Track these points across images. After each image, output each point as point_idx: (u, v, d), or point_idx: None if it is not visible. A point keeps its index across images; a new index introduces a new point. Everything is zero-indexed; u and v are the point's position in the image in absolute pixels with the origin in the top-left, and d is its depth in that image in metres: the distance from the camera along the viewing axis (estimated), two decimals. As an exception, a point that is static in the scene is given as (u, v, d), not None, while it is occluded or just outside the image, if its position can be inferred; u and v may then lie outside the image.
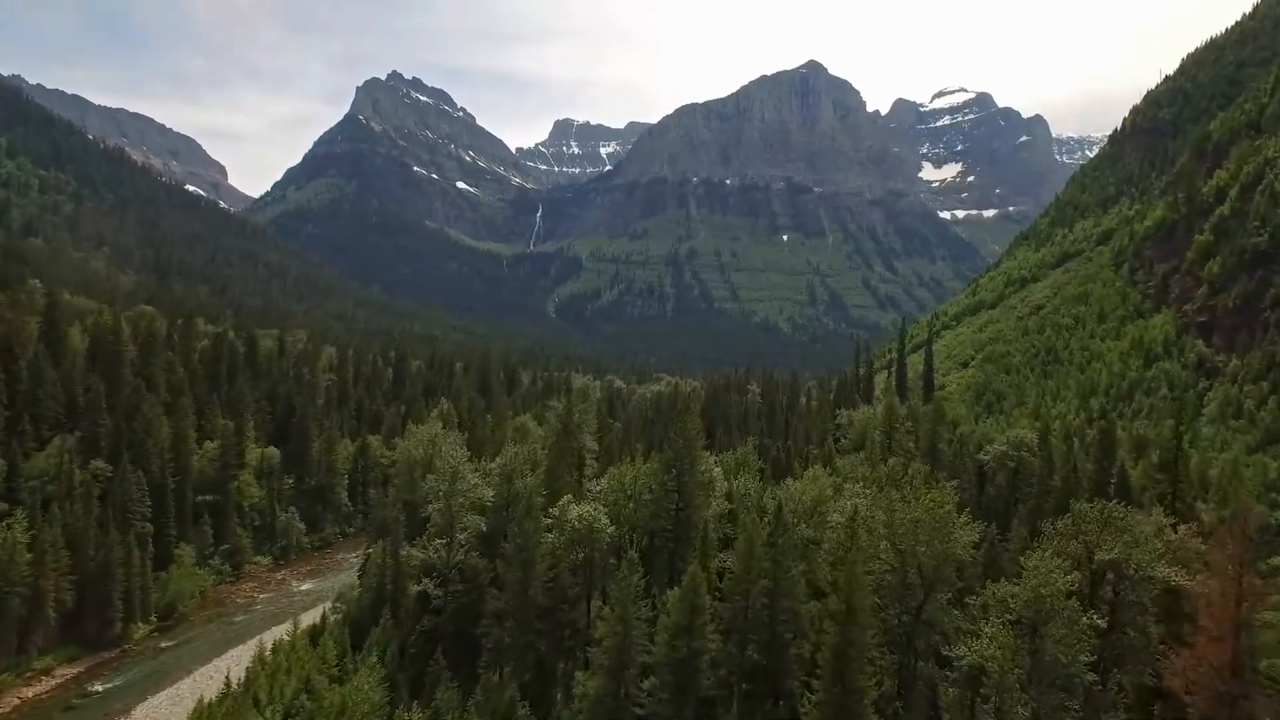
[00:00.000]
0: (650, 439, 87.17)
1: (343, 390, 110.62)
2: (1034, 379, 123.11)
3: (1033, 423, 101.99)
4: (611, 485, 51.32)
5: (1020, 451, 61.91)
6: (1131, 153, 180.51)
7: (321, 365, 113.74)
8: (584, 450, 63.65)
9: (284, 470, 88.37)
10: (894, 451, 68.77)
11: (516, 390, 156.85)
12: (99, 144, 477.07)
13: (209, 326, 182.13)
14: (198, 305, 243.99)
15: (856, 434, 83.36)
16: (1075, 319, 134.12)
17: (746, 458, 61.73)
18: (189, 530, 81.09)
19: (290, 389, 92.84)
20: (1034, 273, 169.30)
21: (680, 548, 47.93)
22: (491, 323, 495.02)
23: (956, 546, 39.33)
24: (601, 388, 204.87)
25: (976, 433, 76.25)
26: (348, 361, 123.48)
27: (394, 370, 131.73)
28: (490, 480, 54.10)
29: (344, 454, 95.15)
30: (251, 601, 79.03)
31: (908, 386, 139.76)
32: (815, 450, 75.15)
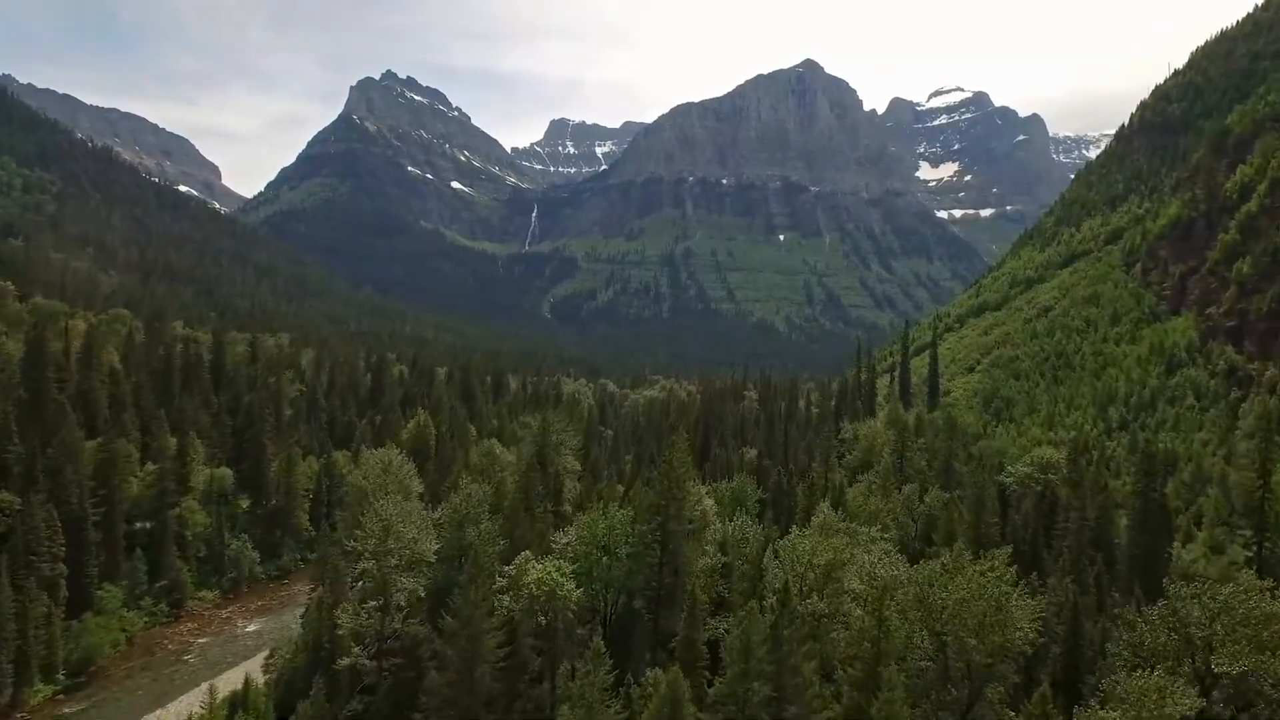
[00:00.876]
0: (640, 451, 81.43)
1: (313, 400, 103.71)
2: (1045, 385, 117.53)
3: (1046, 432, 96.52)
4: (581, 536, 43.62)
5: (1047, 474, 56.14)
6: (1140, 149, 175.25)
7: (291, 374, 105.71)
8: (563, 473, 57.76)
9: (239, 492, 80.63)
10: (906, 473, 62.99)
11: (503, 397, 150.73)
12: (86, 143, 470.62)
13: (187, 330, 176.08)
14: (180, 307, 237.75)
15: (863, 450, 77.60)
16: (1086, 321, 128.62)
17: (743, 488, 55.77)
18: (118, 568, 71.42)
19: (254, 400, 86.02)
20: (1040, 273, 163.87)
21: (664, 612, 40.97)
22: (486, 323, 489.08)
23: (1014, 633, 31.07)
24: (594, 392, 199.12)
25: (990, 447, 70.33)
26: (322, 368, 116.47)
27: (372, 377, 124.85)
28: (440, 526, 46.92)
29: (306, 472, 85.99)
30: (186, 647, 69.51)
31: (911, 392, 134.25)
32: (819, 471, 69.22)
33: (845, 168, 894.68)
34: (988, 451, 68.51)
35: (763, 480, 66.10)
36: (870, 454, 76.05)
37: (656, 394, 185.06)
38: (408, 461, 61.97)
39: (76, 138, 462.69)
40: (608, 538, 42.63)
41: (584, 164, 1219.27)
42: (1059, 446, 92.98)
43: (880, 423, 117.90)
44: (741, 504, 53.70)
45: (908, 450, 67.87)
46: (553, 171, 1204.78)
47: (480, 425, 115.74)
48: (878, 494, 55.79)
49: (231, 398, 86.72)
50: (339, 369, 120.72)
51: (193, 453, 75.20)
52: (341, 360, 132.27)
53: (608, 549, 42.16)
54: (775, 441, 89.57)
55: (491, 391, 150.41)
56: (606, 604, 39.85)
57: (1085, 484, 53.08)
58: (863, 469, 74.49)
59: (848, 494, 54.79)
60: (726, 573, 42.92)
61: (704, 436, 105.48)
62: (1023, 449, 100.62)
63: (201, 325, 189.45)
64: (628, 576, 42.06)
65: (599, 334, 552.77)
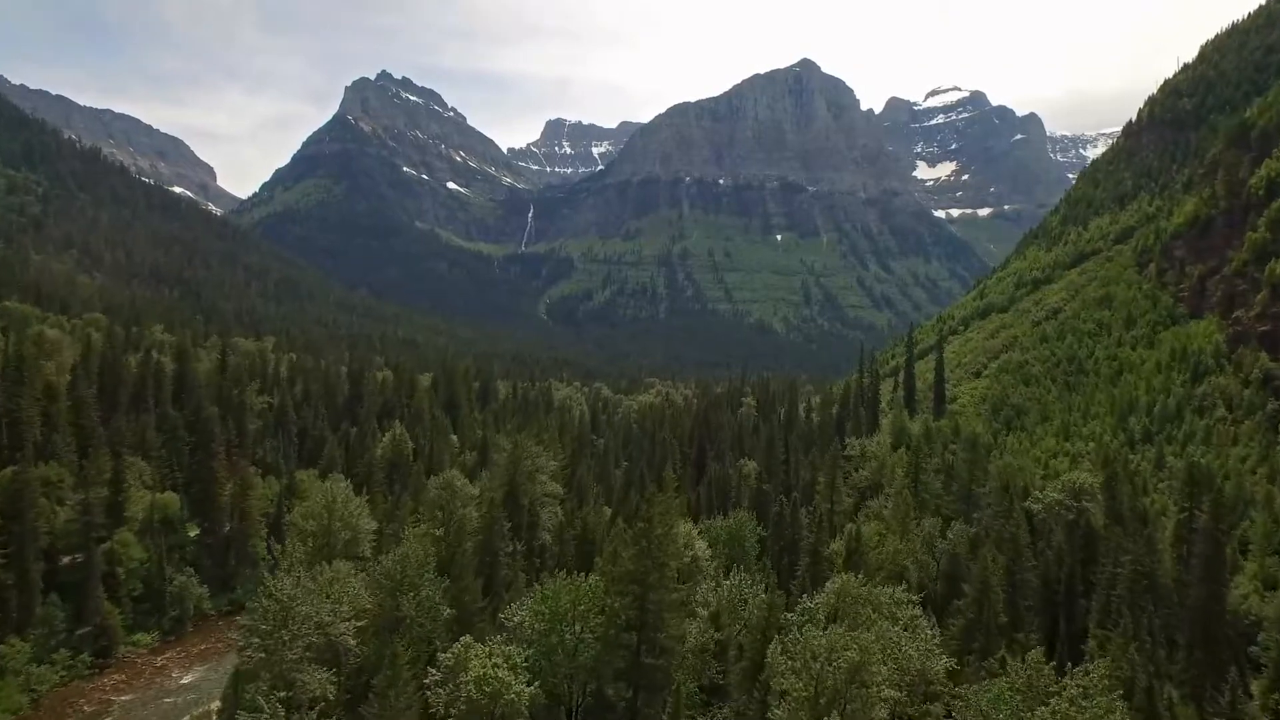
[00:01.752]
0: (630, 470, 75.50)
1: (282, 413, 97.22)
2: (1057, 391, 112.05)
3: (1061, 442, 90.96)
4: (539, 612, 35.65)
5: (1080, 501, 50.44)
6: (1149, 145, 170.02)
7: (258, 385, 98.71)
8: (539, 504, 51.96)
9: (191, 518, 72.68)
10: (921, 496, 57.33)
11: (491, 405, 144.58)
12: (74, 143, 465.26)
13: (165, 335, 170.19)
14: (162, 311, 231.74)
15: (872, 470, 71.72)
16: (1098, 324, 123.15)
17: (740, 528, 49.78)
18: (31, 614, 61.82)
19: (210, 415, 79.35)
20: (1047, 273, 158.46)
21: (644, 700, 33.50)
22: (481, 325, 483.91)
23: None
24: (587, 398, 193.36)
25: (1010, 466, 64.58)
26: (296, 376, 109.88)
27: (351, 385, 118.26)
28: (372, 590, 40.17)
29: (266, 494, 77.52)
30: (105, 708, 59.01)
31: (916, 398, 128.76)
32: (823, 492, 63.48)
33: (842, 167, 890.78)
34: (1007, 471, 62.75)
35: (763, 510, 60.43)
36: (880, 473, 70.35)
37: (652, 399, 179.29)
38: (355, 495, 55.11)
39: (64, 137, 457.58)
40: (572, 614, 35.16)
41: (580, 164, 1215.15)
42: (1078, 459, 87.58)
43: (884, 432, 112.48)
44: (739, 544, 47.93)
45: (923, 474, 62.03)
46: (549, 172, 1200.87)
47: (465, 436, 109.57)
48: (894, 530, 49.90)
49: (193, 411, 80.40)
50: (313, 377, 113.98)
51: (130, 476, 68.02)
52: (316, 367, 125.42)
53: (574, 623, 34.55)
54: (775, 458, 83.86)
55: (479, 399, 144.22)
56: (572, 694, 33.16)
57: (1125, 514, 47.56)
58: (872, 490, 68.81)
59: (861, 532, 48.56)
60: (720, 651, 36.33)
61: (699, 449, 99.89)
62: (1037, 460, 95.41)
63: (182, 330, 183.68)
64: (598, 661, 34.50)
65: (595, 335, 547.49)
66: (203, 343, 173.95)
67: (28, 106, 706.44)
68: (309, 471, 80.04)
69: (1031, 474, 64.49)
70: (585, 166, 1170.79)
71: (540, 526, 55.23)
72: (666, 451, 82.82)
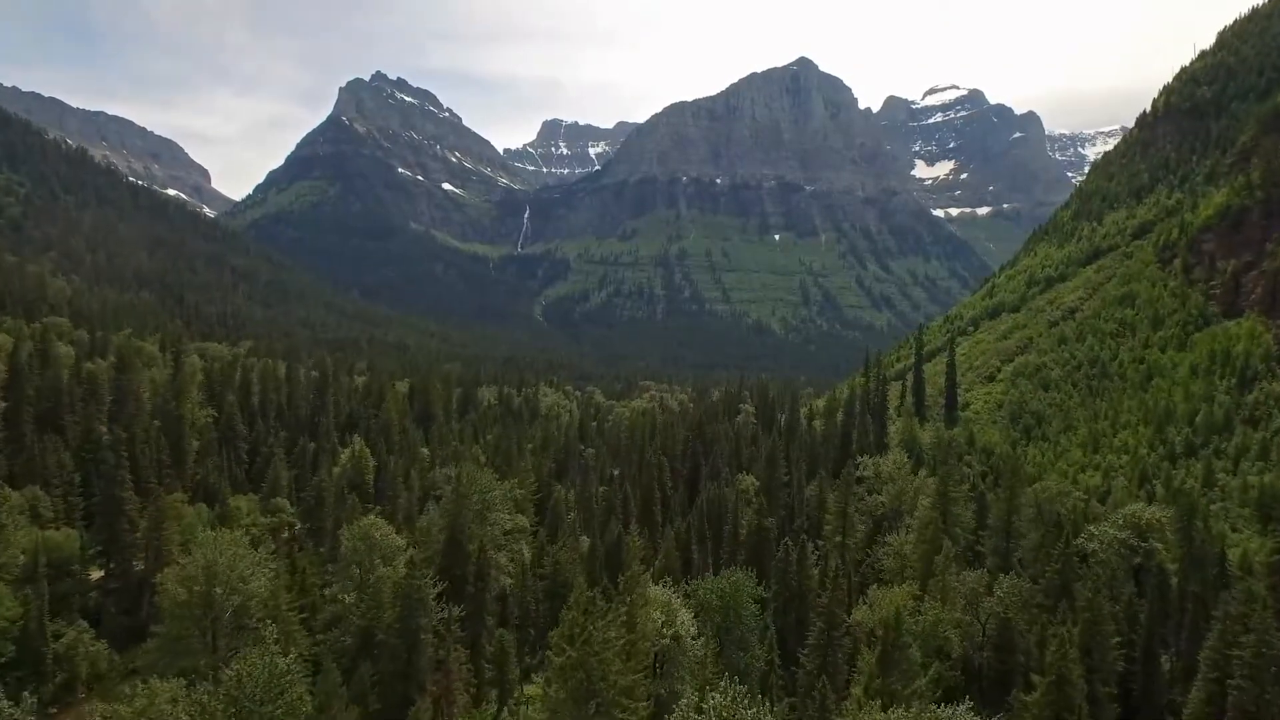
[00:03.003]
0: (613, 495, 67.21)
1: (230, 427, 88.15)
2: (1079, 397, 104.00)
3: (1090, 454, 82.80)
4: None
5: (1149, 541, 42.22)
6: (1165, 135, 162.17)
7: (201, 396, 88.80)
8: (492, 549, 43.65)
9: (95, 558, 61.19)
10: (951, 530, 49.12)
11: (471, 413, 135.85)
12: (59, 145, 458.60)
13: (135, 340, 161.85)
14: (137, 315, 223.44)
15: (891, 497, 63.18)
16: (1120, 324, 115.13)
17: (737, 591, 40.99)
18: None
19: (138, 433, 70.32)
20: (1060, 271, 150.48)
21: None
22: (476, 327, 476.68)
23: None
24: (579, 403, 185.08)
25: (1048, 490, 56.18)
26: (251, 385, 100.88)
27: (316, 395, 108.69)
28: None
29: (193, 526, 61.57)
30: None
31: (926, 403, 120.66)
32: (834, 522, 55.04)
33: (840, 166, 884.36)
34: (1045, 496, 54.28)
35: (762, 548, 52.17)
36: (899, 499, 62.00)
37: (645, 405, 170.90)
38: (252, 550, 45.80)
39: (49, 138, 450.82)
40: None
41: (577, 165, 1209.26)
42: (1110, 473, 79.40)
43: (894, 445, 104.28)
44: (735, 610, 39.65)
45: (953, 505, 53.51)
46: (546, 172, 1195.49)
47: (435, 449, 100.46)
48: (925, 582, 41.45)
49: (124, 426, 71.59)
50: (272, 385, 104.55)
51: (12, 509, 58.30)
52: (290, 374, 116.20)
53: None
54: (776, 477, 75.52)
55: (459, 407, 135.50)
56: None
57: (1204, 560, 39.49)
58: (890, 520, 60.49)
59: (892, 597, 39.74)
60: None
61: (693, 463, 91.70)
62: (1063, 473, 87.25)
63: (153, 334, 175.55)
64: None
65: (591, 337, 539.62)
66: (172, 348, 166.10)
67: (20, 109, 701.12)
68: (247, 497, 71.14)
69: (1075, 503, 56.06)
70: (582, 167, 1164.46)
71: (492, 577, 46.71)
72: (652, 474, 74.28)
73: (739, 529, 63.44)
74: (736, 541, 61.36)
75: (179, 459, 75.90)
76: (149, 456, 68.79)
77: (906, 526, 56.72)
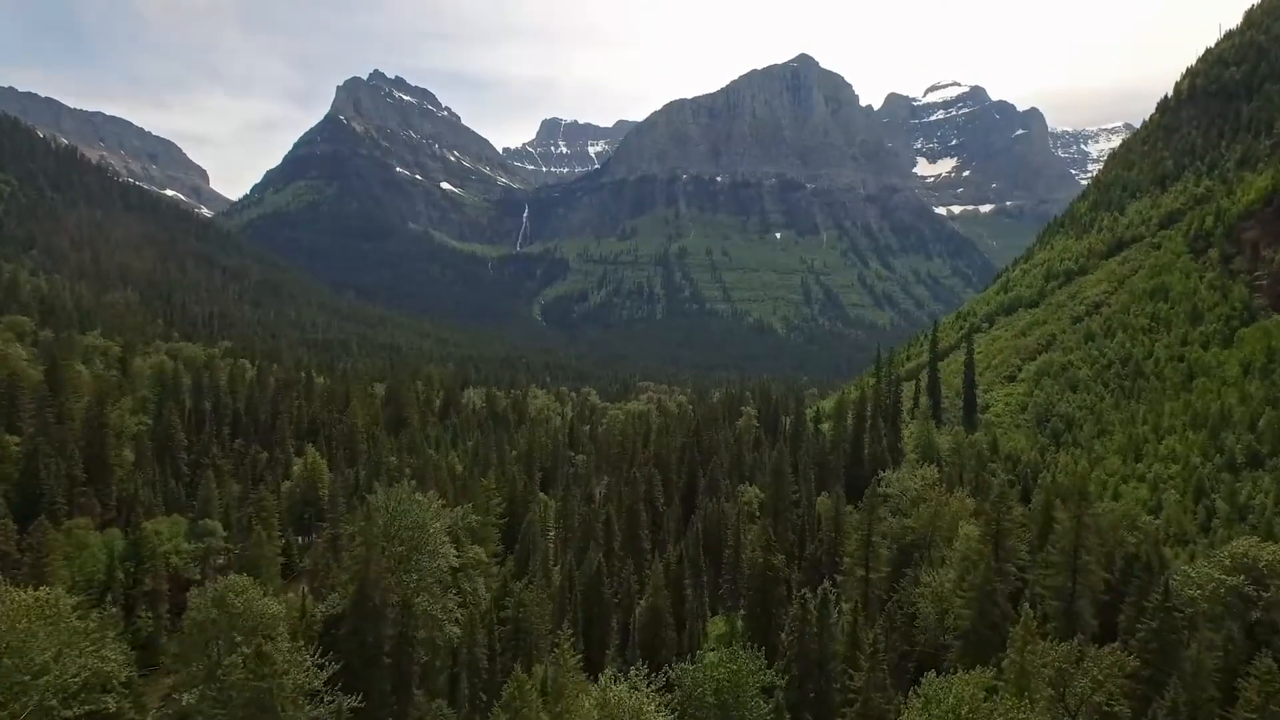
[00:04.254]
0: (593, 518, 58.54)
1: (168, 437, 78.91)
2: (1112, 399, 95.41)
3: (1130, 463, 73.93)
4: None
5: (1267, 591, 33.58)
6: (1191, 120, 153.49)
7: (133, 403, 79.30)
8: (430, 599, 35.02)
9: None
10: (1003, 567, 40.42)
11: (454, 416, 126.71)
12: (49, 143, 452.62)
13: (101, 341, 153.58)
14: (113, 315, 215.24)
15: (923, 522, 53.93)
16: (1152, 319, 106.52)
17: (740, 683, 31.89)
18: None
19: (63, 443, 62.07)
20: (1080, 264, 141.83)
21: None
22: (472, 328, 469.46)
23: None
24: (573, 405, 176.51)
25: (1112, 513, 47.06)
26: (204, 390, 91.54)
27: (274, 398, 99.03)
28: None
29: (96, 557, 52.42)
30: None
31: (943, 405, 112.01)
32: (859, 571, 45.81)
33: (841, 164, 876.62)
34: (1108, 521, 45.11)
35: (772, 599, 43.41)
36: (933, 526, 52.95)
37: (642, 407, 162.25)
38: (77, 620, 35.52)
39: (38, 136, 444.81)
40: None
41: (577, 164, 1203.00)
42: (1159, 485, 70.85)
43: (910, 452, 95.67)
44: (737, 709, 30.81)
45: (1006, 535, 44.42)
46: (545, 171, 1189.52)
47: (409, 458, 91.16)
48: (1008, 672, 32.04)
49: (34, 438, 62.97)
50: (227, 389, 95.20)
51: None
52: (245, 377, 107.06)
53: None
54: (784, 494, 66.47)
55: (441, 410, 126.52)
56: None
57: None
58: (917, 550, 51.53)
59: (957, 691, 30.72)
60: None
61: (690, 473, 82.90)
62: (1101, 484, 78.63)
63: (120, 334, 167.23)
64: None
65: (590, 337, 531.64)
66: (144, 349, 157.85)
67: (16, 109, 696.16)
68: (173, 519, 61.99)
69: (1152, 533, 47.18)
70: (582, 166, 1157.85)
71: (424, 637, 37.92)
72: (639, 492, 64.95)
73: (741, 555, 54.68)
74: (738, 569, 52.76)
75: (101, 474, 66.97)
76: (57, 471, 59.82)
77: (943, 558, 48.04)
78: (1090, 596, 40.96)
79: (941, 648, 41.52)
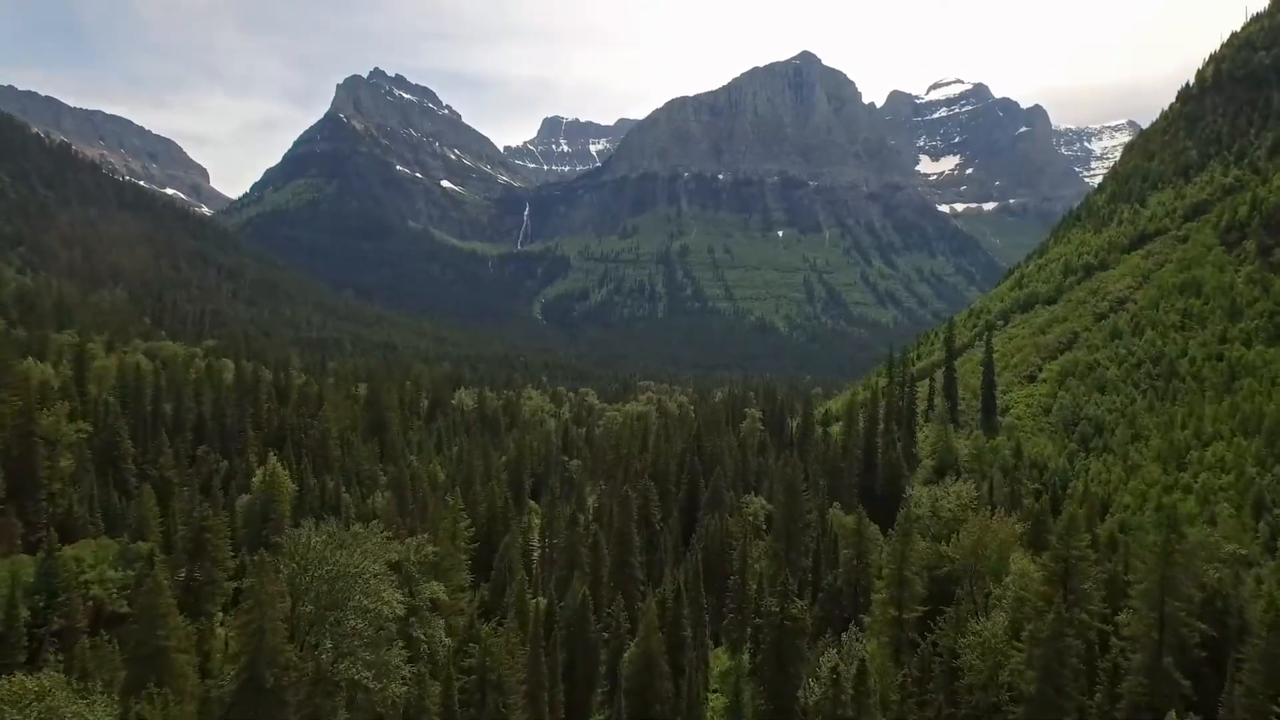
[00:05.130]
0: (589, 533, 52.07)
1: (113, 445, 71.81)
2: (1145, 401, 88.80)
3: (1173, 472, 67.26)
4: None
5: None
6: (1215, 108, 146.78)
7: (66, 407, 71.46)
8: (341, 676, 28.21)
9: None
10: (1074, 621, 33.71)
11: (440, 419, 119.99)
12: (42, 139, 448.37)
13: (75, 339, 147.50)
14: (96, 313, 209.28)
15: (964, 551, 46.34)
16: (1184, 316, 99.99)
17: None
18: None
19: None
20: (1100, 258, 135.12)
21: None
22: (472, 327, 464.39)
23: None
24: (571, 405, 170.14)
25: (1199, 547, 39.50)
26: (163, 392, 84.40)
27: (236, 401, 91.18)
28: None
29: (3, 586, 43.11)
30: None
31: (959, 408, 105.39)
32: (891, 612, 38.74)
33: (844, 161, 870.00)
34: (1194, 556, 37.58)
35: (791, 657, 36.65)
36: (976, 557, 45.57)
37: (642, 408, 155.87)
38: None
39: (32, 133, 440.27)
40: None
41: (578, 162, 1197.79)
42: (1209, 497, 64.18)
43: (924, 451, 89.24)
44: None
45: (1077, 575, 37.15)
46: (546, 170, 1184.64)
47: (385, 468, 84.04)
48: None
49: None
50: (192, 390, 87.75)
51: None
52: (223, 378, 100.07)
53: None
54: (796, 513, 59.45)
55: (428, 413, 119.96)
56: None
57: None
58: (956, 583, 44.41)
59: None
60: None
61: (691, 484, 76.09)
62: (1139, 495, 72.07)
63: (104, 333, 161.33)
64: None
65: (590, 336, 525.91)
66: (122, 348, 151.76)
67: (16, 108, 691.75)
68: (98, 542, 54.48)
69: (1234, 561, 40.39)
70: (583, 164, 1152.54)
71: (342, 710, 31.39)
72: (630, 512, 57.52)
73: (746, 581, 47.84)
74: (744, 597, 45.75)
75: (27, 488, 59.96)
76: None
77: (988, 595, 41.17)
78: (1180, 650, 34.05)
79: (992, 709, 34.88)
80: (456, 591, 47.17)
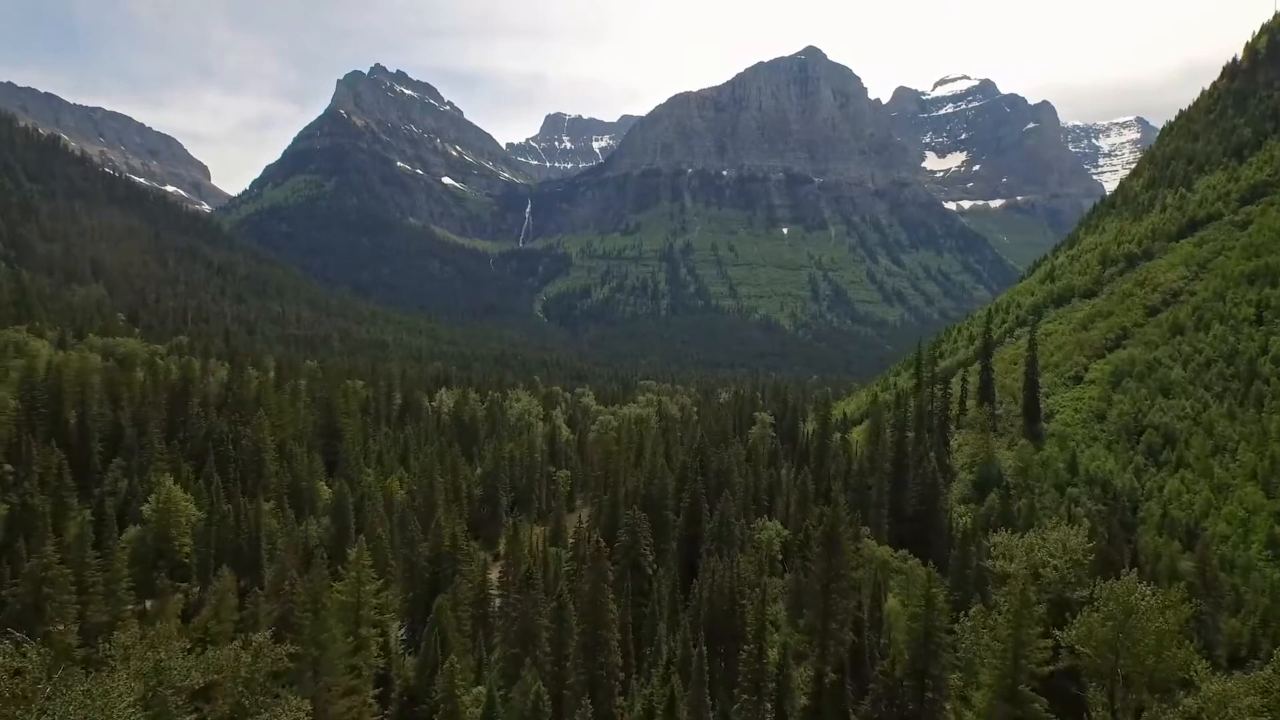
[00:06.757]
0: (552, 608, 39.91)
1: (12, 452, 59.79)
2: (1224, 407, 76.65)
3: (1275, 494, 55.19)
4: None
5: None
6: (1270, 82, 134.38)
7: None
8: None
9: None
10: None
11: (412, 424, 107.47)
12: (28, 132, 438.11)
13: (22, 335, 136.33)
14: (62, 308, 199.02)
15: (1097, 641, 32.47)
16: (1259, 307, 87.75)
17: None
18: None
19: None
20: (1144, 247, 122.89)
21: None
22: (472, 324, 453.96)
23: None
24: (564, 408, 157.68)
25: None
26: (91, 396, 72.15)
27: (168, 403, 79.05)
28: None
29: None
30: None
31: (998, 413, 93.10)
32: None
33: (849, 158, 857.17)
34: None
35: None
36: (1116, 653, 31.58)
37: (641, 410, 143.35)
38: None
39: (18, 126, 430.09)
40: None
41: (581, 159, 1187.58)
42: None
43: (959, 464, 76.98)
44: None
45: None
46: (549, 167, 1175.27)
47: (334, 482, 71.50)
48: None
49: None
50: (121, 393, 76.09)
51: None
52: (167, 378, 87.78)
53: None
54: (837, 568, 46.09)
55: (399, 417, 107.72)
56: None
57: None
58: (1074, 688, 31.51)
59: None
60: None
61: (693, 506, 63.45)
62: (1236, 521, 59.85)
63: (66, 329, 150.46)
64: None
65: (592, 334, 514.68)
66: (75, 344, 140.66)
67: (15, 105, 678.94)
68: None
69: None
70: (585, 161, 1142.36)
71: None
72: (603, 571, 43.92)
73: (764, 649, 34.94)
74: (760, 676, 32.88)
75: None
76: None
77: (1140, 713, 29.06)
78: None
79: None
80: (343, 695, 35.00)
